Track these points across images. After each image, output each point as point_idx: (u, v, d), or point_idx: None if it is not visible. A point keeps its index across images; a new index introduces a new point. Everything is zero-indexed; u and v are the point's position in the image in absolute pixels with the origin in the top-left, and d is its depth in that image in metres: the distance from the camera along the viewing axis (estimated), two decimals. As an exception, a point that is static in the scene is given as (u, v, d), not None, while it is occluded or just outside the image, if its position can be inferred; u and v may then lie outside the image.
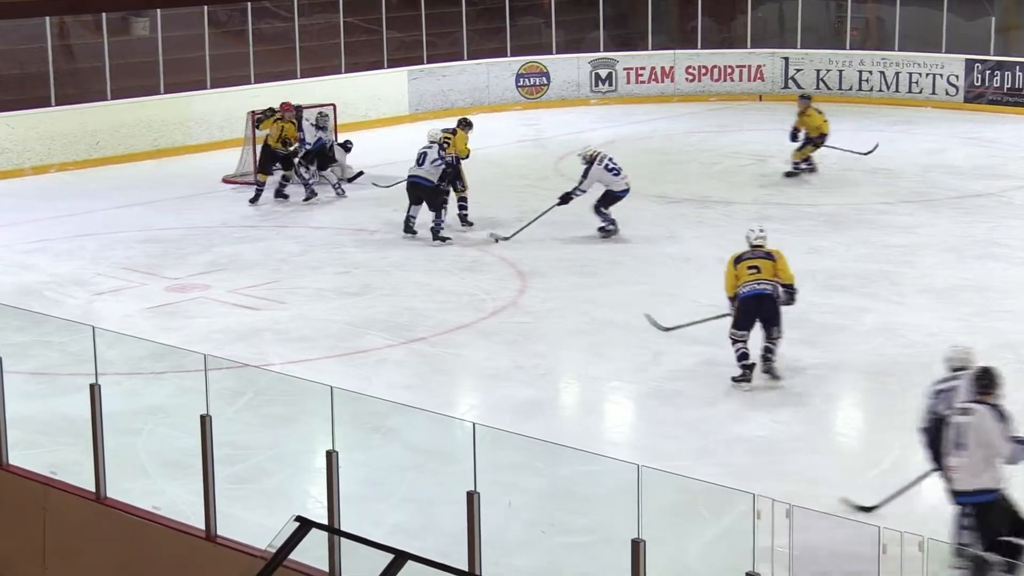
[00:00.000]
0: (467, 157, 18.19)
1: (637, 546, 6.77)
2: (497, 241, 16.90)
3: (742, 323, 12.14)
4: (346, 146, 20.90)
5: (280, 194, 19.76)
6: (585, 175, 17.06)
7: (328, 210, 19.22)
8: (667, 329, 12.88)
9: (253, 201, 19.45)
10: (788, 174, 20.99)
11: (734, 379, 12.08)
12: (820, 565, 6.64)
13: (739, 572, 6.55)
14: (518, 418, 11.35)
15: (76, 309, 14.54)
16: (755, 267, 12.18)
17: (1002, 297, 14.75)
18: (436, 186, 17.22)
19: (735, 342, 12.16)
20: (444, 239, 17.11)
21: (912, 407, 11.90)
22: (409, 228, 17.39)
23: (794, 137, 20.85)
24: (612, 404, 12.57)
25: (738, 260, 12.29)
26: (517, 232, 17.12)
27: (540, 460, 10.11)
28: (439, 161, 17.27)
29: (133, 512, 8.91)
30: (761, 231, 12.48)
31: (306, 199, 19.62)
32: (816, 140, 20.82)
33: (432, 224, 17.21)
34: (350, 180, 20.52)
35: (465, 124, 18.62)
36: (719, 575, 8.09)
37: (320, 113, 20.73)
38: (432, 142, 17.50)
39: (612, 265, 16.05)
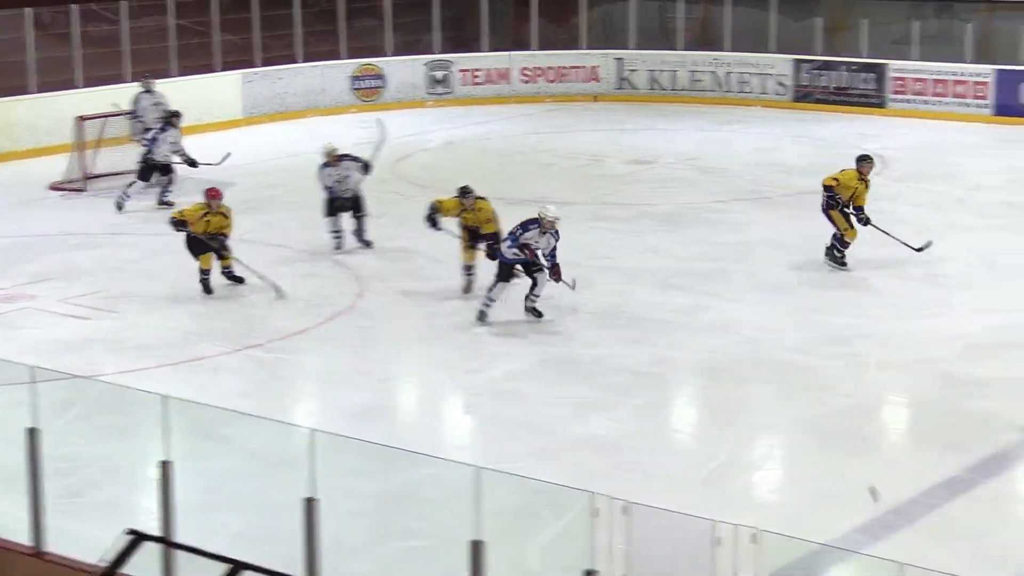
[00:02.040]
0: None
1: (477, 547, 6.74)
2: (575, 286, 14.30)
3: None
4: (192, 162, 19.73)
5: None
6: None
7: (165, 216, 18.84)
8: None
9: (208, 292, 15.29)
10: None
11: None
12: (657, 560, 6.68)
13: (578, 571, 6.56)
14: (357, 423, 11.25)
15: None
16: None
17: (834, 292, 15.03)
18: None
19: None
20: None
21: (747, 402, 12.12)
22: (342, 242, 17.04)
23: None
24: (452, 407, 12.53)
25: None
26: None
27: (379, 465, 10.02)
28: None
29: (-43, 531, 8.63)
30: None
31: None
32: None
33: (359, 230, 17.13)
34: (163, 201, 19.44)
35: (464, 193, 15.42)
36: (559, 574, 8.10)
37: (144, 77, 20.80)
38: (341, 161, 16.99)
39: (449, 269, 15.99)
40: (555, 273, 13.94)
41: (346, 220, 16.97)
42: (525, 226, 14.02)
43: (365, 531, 9.36)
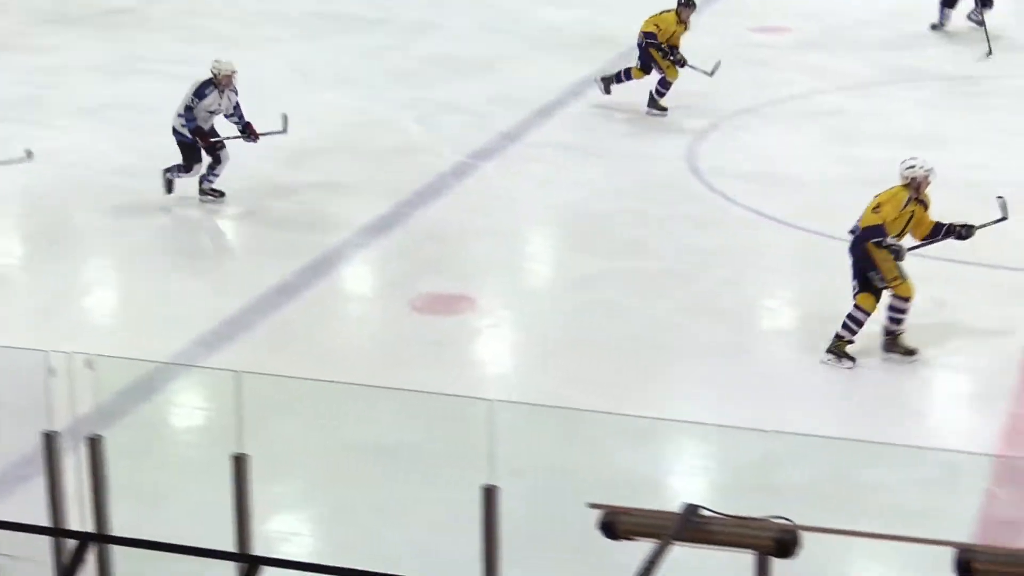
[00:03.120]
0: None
1: None
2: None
3: None
4: None
5: None
6: None
7: None
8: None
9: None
10: None
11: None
12: None
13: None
14: None
15: None
16: None
17: (151, 111, 14.75)
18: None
19: None
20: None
21: (80, 231, 11.90)
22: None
23: None
24: None
25: None
26: None
27: None
28: None
29: None
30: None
31: None
32: None
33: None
34: None
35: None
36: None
37: None
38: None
39: None
40: (251, 133, 12.36)
41: None
42: (200, 92, 12.12)
43: None
